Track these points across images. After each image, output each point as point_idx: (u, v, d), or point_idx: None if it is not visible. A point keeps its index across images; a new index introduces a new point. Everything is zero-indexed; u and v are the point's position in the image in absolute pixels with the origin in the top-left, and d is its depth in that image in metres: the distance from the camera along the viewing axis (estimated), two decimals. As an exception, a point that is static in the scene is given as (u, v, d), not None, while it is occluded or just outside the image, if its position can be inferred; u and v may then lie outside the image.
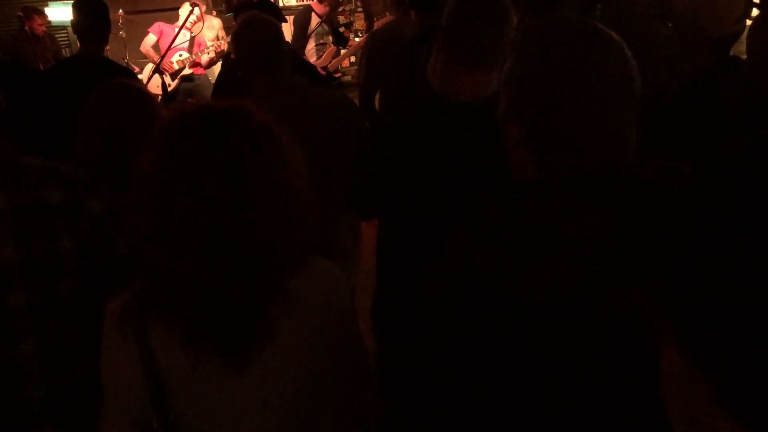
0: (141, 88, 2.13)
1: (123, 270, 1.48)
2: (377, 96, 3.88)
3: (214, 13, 6.74)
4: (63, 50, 7.24)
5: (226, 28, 5.98)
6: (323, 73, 4.92)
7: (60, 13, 6.42)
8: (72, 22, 3.40)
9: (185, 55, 5.78)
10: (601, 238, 1.02)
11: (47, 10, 6.63)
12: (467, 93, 1.80)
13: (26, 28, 6.57)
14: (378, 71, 3.75)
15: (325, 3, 5.35)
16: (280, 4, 6.57)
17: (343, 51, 5.79)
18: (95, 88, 2.00)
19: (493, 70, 1.76)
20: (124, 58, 6.21)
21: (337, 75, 5.40)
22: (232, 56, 3.05)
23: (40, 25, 6.65)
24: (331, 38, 5.56)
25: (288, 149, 1.20)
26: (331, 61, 5.41)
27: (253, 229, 1.13)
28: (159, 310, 1.17)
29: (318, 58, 5.37)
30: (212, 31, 6.07)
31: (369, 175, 2.04)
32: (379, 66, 3.74)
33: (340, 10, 7.79)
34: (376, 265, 2.12)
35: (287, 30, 6.49)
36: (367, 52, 4.02)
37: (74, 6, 3.37)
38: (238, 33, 2.50)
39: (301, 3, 6.79)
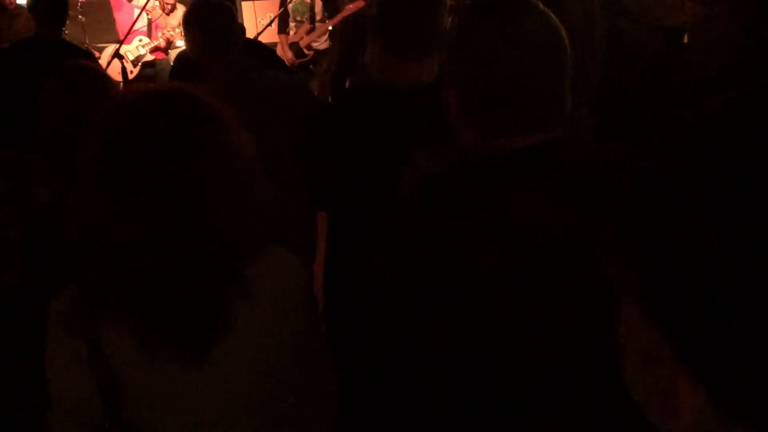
0: (101, 72, 2.09)
1: (70, 262, 1.46)
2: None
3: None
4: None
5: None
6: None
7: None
8: (28, 2, 3.34)
9: (145, 40, 5.69)
10: (541, 214, 1.05)
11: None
12: (403, 80, 1.79)
13: None
14: (349, 57, 3.74)
15: None
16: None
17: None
18: (54, 70, 1.96)
19: (427, 57, 1.76)
20: (83, 43, 6.08)
21: (309, 53, 5.42)
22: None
23: None
24: (307, 16, 5.57)
25: (236, 132, 1.17)
26: (303, 37, 5.41)
27: (205, 215, 1.10)
28: (109, 304, 1.12)
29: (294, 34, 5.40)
30: (176, 19, 5.98)
31: (311, 165, 2.03)
32: (350, 53, 3.73)
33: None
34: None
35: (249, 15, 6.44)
36: (338, 40, 4.03)
37: None
38: (188, 15, 2.48)
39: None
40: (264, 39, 4.40)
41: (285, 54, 5.70)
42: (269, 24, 5.88)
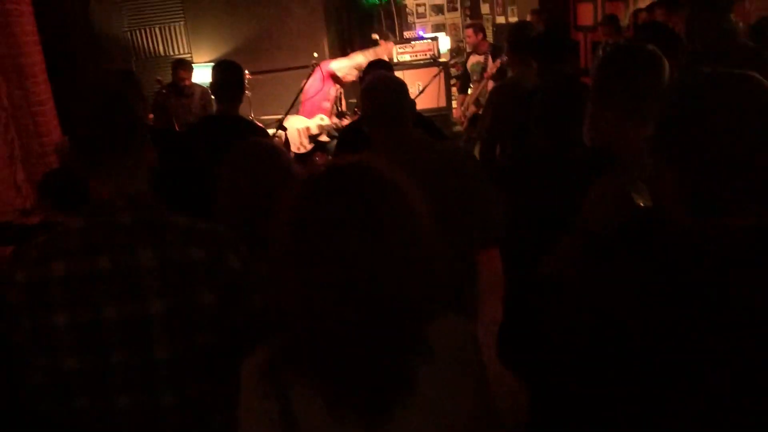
0: (276, 147, 2.26)
1: (258, 326, 1.52)
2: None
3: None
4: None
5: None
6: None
7: (199, 75, 6.91)
8: (210, 83, 3.70)
9: (326, 120, 5.97)
10: (761, 300, 1.00)
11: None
12: (630, 148, 1.75)
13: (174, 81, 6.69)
14: (499, 124, 3.84)
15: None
16: (395, 60, 6.76)
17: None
18: (233, 146, 2.13)
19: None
20: (248, 116, 6.56)
21: (474, 109, 5.81)
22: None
23: (182, 79, 6.68)
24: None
25: (415, 202, 1.23)
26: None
27: (390, 282, 1.16)
28: (299, 367, 1.19)
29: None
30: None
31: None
32: (501, 119, 3.83)
33: (452, 62, 7.93)
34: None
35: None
36: (490, 105, 4.14)
37: (213, 68, 3.67)
38: (366, 90, 2.65)
39: (417, 59, 6.91)
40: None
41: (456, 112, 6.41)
42: (420, 93, 6.10)
